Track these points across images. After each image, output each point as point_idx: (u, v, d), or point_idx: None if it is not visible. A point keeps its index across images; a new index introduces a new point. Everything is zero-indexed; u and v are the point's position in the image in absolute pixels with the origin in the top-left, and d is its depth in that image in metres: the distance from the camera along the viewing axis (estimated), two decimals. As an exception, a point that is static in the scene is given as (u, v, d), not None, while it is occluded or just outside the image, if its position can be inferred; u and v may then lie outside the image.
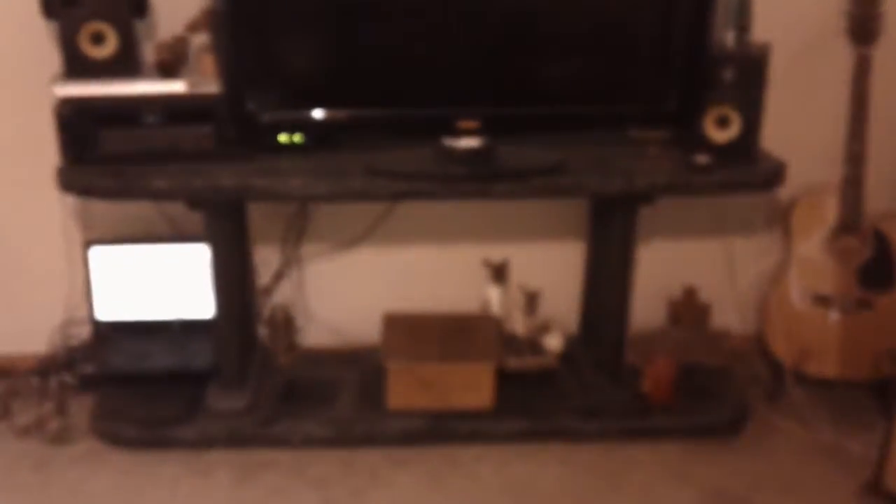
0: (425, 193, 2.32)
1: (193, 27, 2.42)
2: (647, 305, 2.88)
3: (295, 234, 2.77)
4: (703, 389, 2.65)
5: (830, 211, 2.66)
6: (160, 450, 2.48)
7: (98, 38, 2.32)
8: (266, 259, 2.79)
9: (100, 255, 2.68)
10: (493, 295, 2.74)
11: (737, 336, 2.88)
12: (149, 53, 2.47)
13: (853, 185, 2.60)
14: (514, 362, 2.66)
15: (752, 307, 2.91)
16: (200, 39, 2.44)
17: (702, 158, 2.37)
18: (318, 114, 2.28)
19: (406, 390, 2.52)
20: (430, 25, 2.25)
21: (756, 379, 2.81)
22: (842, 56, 2.60)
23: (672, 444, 2.53)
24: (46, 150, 2.36)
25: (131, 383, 2.61)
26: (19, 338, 2.79)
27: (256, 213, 2.71)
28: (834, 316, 2.70)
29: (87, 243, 2.67)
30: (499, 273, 2.72)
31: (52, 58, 2.38)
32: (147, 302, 2.72)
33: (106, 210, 2.67)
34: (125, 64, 2.35)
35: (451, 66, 2.30)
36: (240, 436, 2.49)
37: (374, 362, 2.57)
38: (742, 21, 2.42)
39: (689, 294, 2.81)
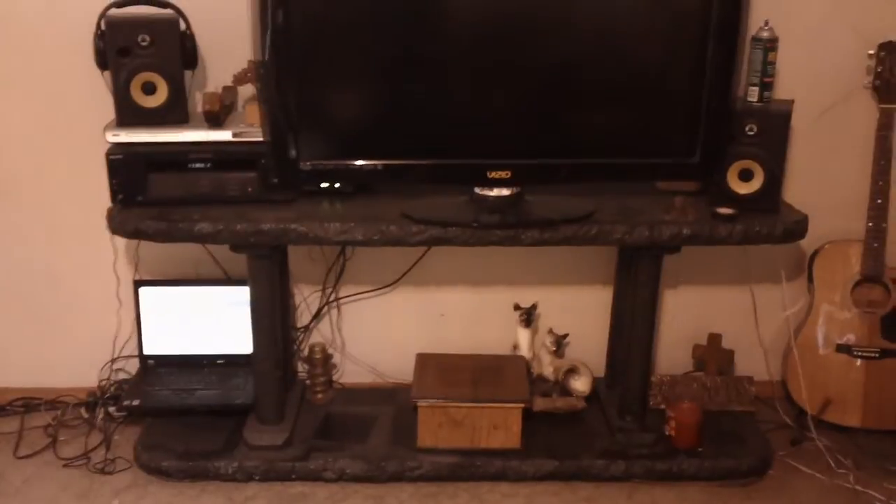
0: (457, 240, 2.26)
1: (240, 79, 2.38)
2: (672, 351, 2.79)
3: (334, 276, 2.71)
4: (726, 434, 2.54)
5: (854, 261, 2.57)
6: (200, 482, 2.41)
7: (149, 88, 2.29)
8: (306, 299, 2.75)
9: (148, 295, 2.64)
10: (523, 337, 2.67)
11: (761, 382, 2.75)
12: (198, 103, 2.44)
13: (877, 237, 2.51)
14: (542, 403, 2.58)
15: (776, 354, 2.80)
16: (247, 90, 2.42)
17: (725, 210, 2.30)
18: (356, 163, 2.23)
19: (436, 428, 2.44)
20: (465, 80, 2.20)
21: (780, 425, 2.68)
22: (866, 112, 2.52)
23: (696, 487, 2.42)
24: (100, 195, 2.33)
25: (175, 417, 2.56)
26: (70, 372, 2.75)
27: (299, 256, 2.66)
28: (857, 365, 2.59)
29: (137, 283, 2.64)
30: (528, 316, 2.65)
31: (107, 106, 2.34)
32: (192, 339, 2.67)
33: (156, 252, 2.63)
34: (175, 113, 2.32)
35: (485, 119, 2.25)
36: (276, 470, 2.41)
37: (408, 400, 2.48)
38: (765, 78, 2.35)
39: (714, 340, 2.70)
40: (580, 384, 2.63)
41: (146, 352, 2.68)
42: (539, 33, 2.16)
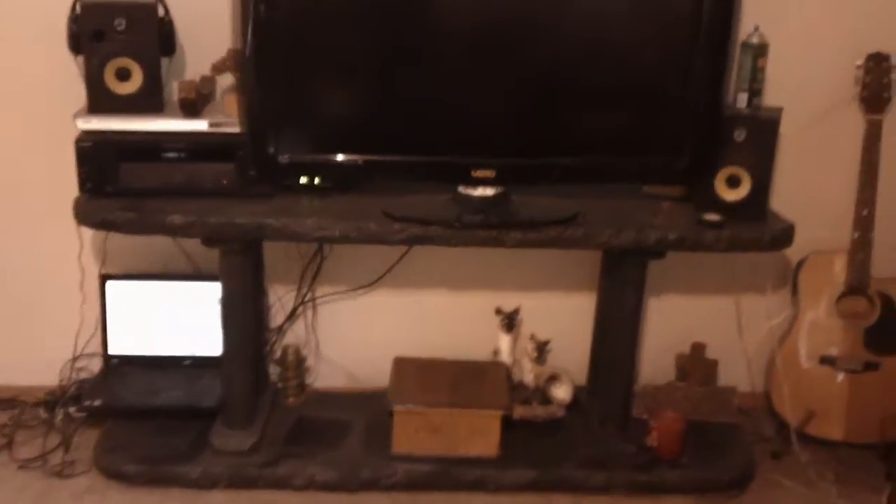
0: (439, 239, 2.20)
1: (220, 68, 2.31)
2: (656, 360, 2.73)
3: (311, 275, 2.63)
4: (709, 445, 2.49)
5: (839, 272, 2.54)
6: (162, 487, 2.31)
7: (124, 75, 2.21)
8: (281, 298, 2.66)
9: (115, 290, 2.54)
10: (504, 343, 2.60)
11: (744, 393, 2.72)
12: (175, 92, 2.36)
13: (862, 248, 2.50)
14: (522, 411, 2.52)
15: (760, 365, 2.76)
16: (226, 80, 2.34)
17: (712, 216, 2.26)
18: (337, 158, 2.16)
19: (413, 434, 2.36)
20: (450, 77, 2.16)
21: (762, 437, 2.63)
22: (853, 122, 2.51)
23: (677, 499, 2.36)
24: (68, 184, 2.24)
25: (138, 418, 2.45)
26: (30, 370, 2.64)
27: (274, 253, 2.57)
28: (841, 377, 2.56)
29: (104, 277, 2.53)
30: (510, 321, 2.58)
31: (79, 92, 2.26)
32: (160, 338, 2.57)
33: (124, 245, 2.53)
34: (149, 100, 2.24)
35: (470, 117, 2.20)
36: (243, 476, 2.32)
37: (383, 405, 2.41)
38: (755, 84, 2.32)
39: (698, 350, 2.66)
40: (561, 392, 2.57)
41: (111, 350, 2.57)
42: (528, 33, 2.12)
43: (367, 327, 2.70)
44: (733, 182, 2.28)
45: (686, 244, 2.24)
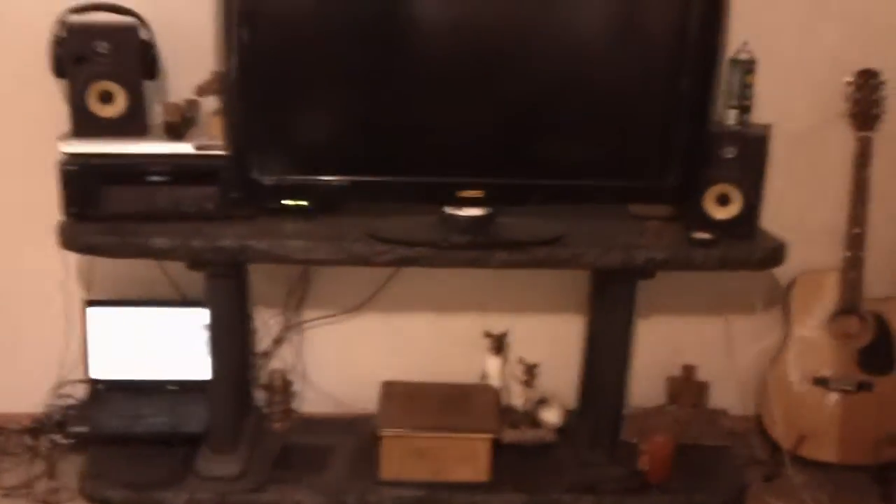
0: (425, 260, 2.17)
1: (203, 90, 2.29)
2: (645, 382, 2.69)
3: (296, 300, 2.61)
4: (700, 468, 2.45)
5: (830, 292, 2.51)
6: (147, 514, 2.28)
7: (107, 98, 2.19)
8: (266, 323, 2.63)
9: (98, 315, 2.51)
10: (493, 366, 2.57)
11: (735, 415, 2.68)
12: (158, 115, 2.34)
13: (853, 267, 2.47)
14: (511, 435, 2.48)
15: (750, 387, 2.72)
16: (210, 103, 2.32)
17: (701, 235, 2.23)
18: (322, 179, 2.15)
19: (401, 459, 2.33)
20: (435, 98, 2.14)
21: (754, 459, 2.60)
22: (843, 140, 2.48)
23: (669, 524, 2.33)
24: (51, 209, 2.22)
25: (123, 444, 2.42)
26: (14, 396, 2.61)
27: (259, 277, 2.55)
28: (833, 398, 2.52)
29: (87, 303, 2.52)
30: (498, 344, 2.56)
31: (61, 116, 2.25)
32: (144, 363, 2.55)
33: (108, 270, 2.52)
34: (133, 123, 2.23)
35: (455, 137, 2.18)
36: (228, 502, 2.28)
37: (371, 430, 2.38)
38: (743, 101, 2.30)
39: (688, 372, 2.63)
40: (551, 415, 2.54)
41: (94, 376, 2.54)
42: (513, 54, 2.11)
43: (354, 351, 2.68)
44: (723, 200, 2.25)
45: (676, 264, 2.21)
